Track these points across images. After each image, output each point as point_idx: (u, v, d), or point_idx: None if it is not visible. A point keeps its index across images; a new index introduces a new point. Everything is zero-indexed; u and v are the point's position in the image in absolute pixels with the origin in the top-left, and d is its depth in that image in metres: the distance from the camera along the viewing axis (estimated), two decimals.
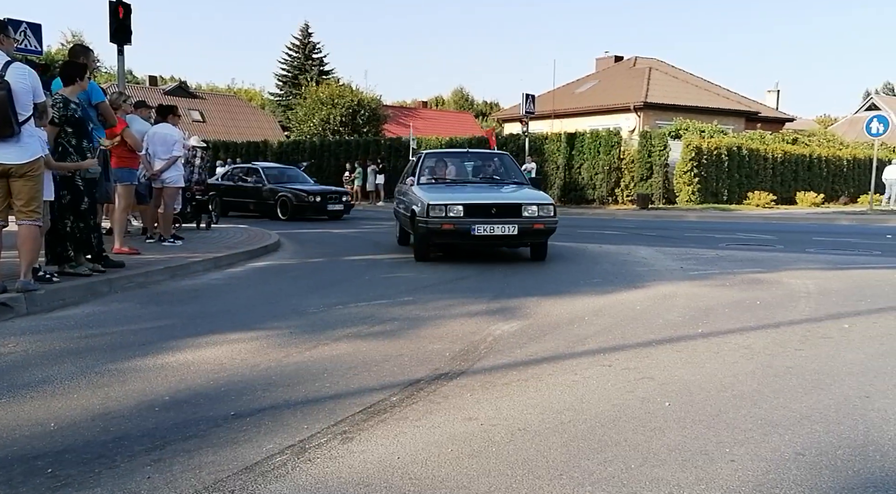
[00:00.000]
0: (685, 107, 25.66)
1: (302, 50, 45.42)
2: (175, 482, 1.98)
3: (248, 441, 2.29)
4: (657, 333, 4.04)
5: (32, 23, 9.27)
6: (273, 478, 2.01)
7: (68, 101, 5.12)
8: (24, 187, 4.37)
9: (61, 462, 2.11)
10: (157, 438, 2.31)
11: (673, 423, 2.54)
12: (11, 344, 3.58)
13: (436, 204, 6.90)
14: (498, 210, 6.94)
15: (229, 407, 2.63)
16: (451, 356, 3.47)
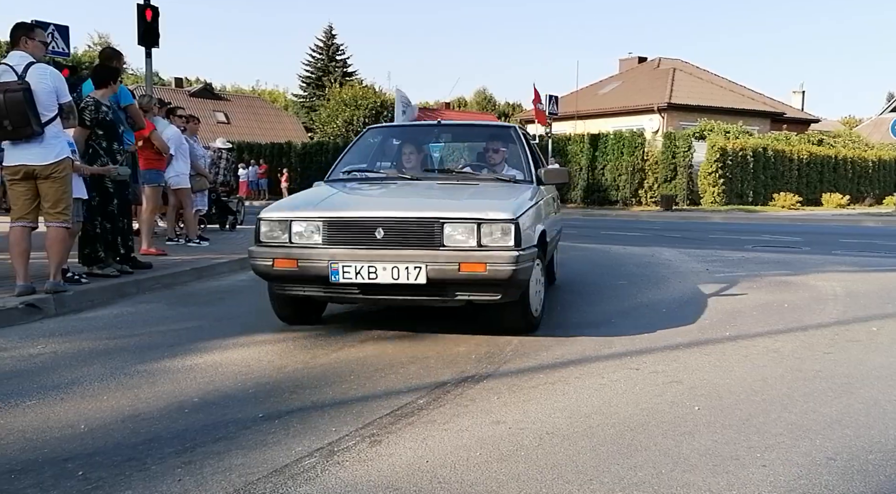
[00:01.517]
0: (710, 108, 25.35)
1: (325, 51, 45.78)
2: (205, 484, 1.99)
3: (276, 444, 2.30)
4: (684, 336, 3.99)
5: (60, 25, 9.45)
6: (303, 481, 2.02)
7: (100, 104, 5.20)
8: (50, 189, 4.43)
9: (92, 464, 2.13)
10: (186, 440, 2.33)
11: (703, 428, 2.50)
12: (41, 346, 3.64)
13: (271, 218, 3.72)
14: (390, 232, 3.48)
15: (257, 409, 2.64)
16: (477, 358, 3.45)
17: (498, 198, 3.94)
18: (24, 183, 4.43)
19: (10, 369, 3.20)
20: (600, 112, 27.07)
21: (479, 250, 3.42)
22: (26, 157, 4.35)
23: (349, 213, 3.72)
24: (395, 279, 3.40)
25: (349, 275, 3.44)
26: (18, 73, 4.24)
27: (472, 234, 3.44)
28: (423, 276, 3.37)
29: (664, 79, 27.83)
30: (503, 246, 3.43)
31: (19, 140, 4.31)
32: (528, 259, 3.53)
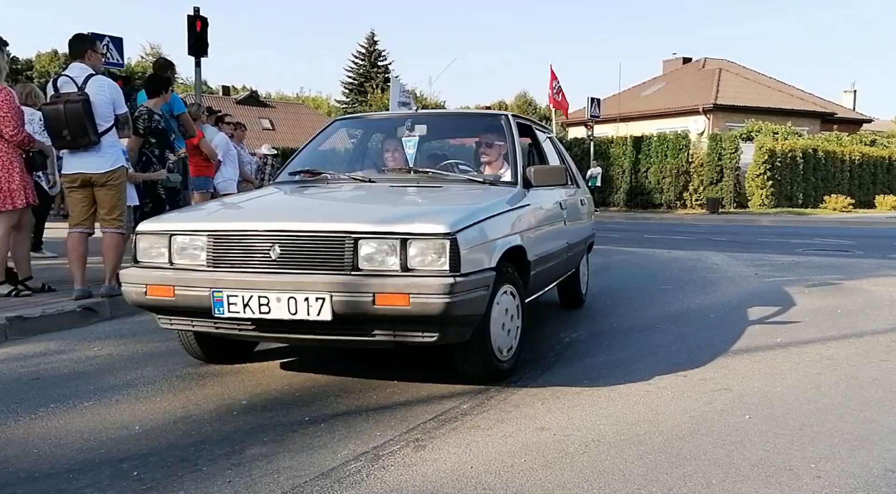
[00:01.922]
0: (757, 109, 24.73)
1: (368, 58, 46.34)
2: (255, 486, 2.03)
3: (323, 447, 2.33)
4: (733, 342, 3.89)
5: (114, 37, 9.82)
6: (349, 485, 2.04)
7: (152, 113, 5.38)
8: (106, 196, 4.61)
9: (146, 465, 2.20)
10: (236, 442, 2.38)
11: (754, 437, 2.43)
12: (97, 348, 3.77)
13: (149, 230, 2.96)
14: (288, 250, 2.68)
15: (304, 413, 2.68)
16: (520, 364, 3.43)
17: (442, 204, 3.18)
18: (82, 190, 4.61)
19: (68, 371, 3.33)
20: (643, 114, 26.68)
21: (403, 276, 2.54)
22: (84, 166, 4.53)
23: (238, 225, 2.80)
24: (293, 314, 2.55)
25: (236, 308, 2.61)
26: (79, 85, 4.42)
27: (395, 254, 2.57)
28: (328, 311, 2.51)
29: (710, 79, 27.26)
30: (434, 270, 2.54)
31: (77, 149, 4.49)
32: (475, 287, 2.62)
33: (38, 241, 6.94)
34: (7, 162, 4.55)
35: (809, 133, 24.43)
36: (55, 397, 2.89)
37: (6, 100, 4.48)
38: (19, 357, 3.57)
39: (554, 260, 3.84)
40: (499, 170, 3.82)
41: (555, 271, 3.96)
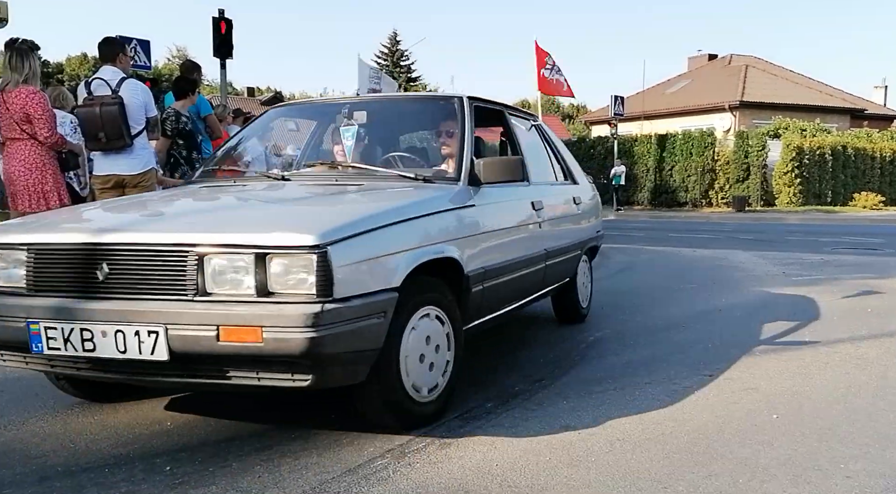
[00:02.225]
0: (785, 106, 24.31)
1: (390, 57, 46.51)
2: (283, 482, 2.07)
3: (349, 444, 2.36)
4: (760, 342, 3.85)
5: (142, 39, 10.00)
6: (375, 481, 2.07)
7: (180, 115, 5.48)
8: None
9: (178, 460, 2.25)
10: (264, 438, 2.42)
11: (782, 437, 2.41)
12: None
13: None
14: (117, 269, 2.11)
15: (330, 410, 2.72)
16: (544, 362, 3.44)
17: (334, 206, 2.59)
18: (113, 191, 4.72)
19: None
20: (668, 112, 26.40)
21: (257, 302, 1.99)
22: (117, 167, 4.64)
23: (61, 237, 2.22)
24: (122, 352, 2.03)
25: (56, 344, 2.08)
26: (112, 88, 4.53)
27: (250, 272, 2.00)
28: (163, 348, 1.99)
29: (736, 76, 26.88)
30: (298, 294, 1.99)
31: (110, 151, 4.60)
32: (360, 315, 2.05)
33: None
34: (41, 163, 4.66)
35: (839, 130, 23.94)
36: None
37: (41, 103, 4.60)
38: None
39: (518, 272, 3.16)
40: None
41: (523, 284, 3.30)
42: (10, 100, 4.53)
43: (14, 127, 4.56)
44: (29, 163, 4.61)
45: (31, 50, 4.59)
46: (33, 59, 4.60)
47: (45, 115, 4.59)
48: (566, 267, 3.97)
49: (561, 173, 4.25)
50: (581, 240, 4.23)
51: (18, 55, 4.55)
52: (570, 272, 4.11)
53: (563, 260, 3.84)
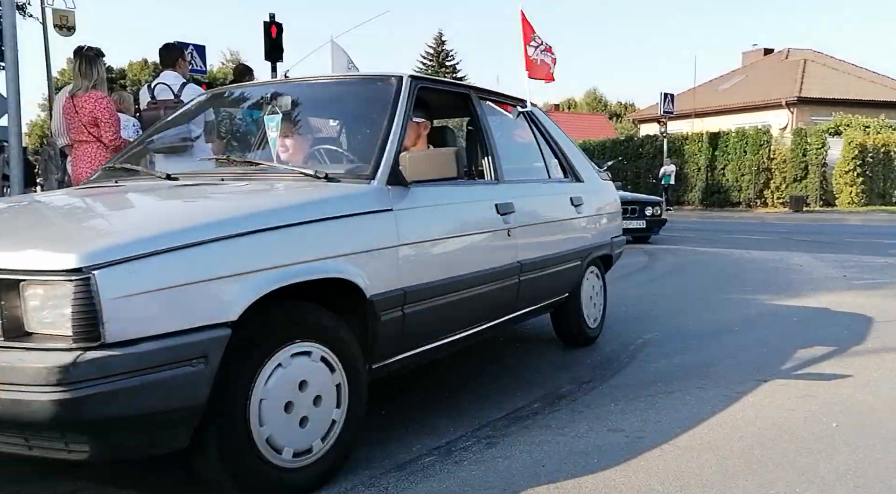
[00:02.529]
0: (846, 101, 23.31)
1: (436, 58, 46.70)
2: (332, 476, 2.11)
3: (397, 441, 2.39)
4: (819, 348, 3.72)
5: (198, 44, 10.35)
6: (422, 478, 2.09)
7: (233, 117, 5.63)
8: None
9: None
10: None
11: (842, 446, 2.33)
12: None
13: None
14: None
15: (378, 407, 2.75)
16: (592, 364, 3.41)
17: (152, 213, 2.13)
18: None
19: None
20: (720, 109, 25.69)
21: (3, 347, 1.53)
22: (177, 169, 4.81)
23: None
24: None
25: None
26: (175, 92, 4.71)
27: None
28: None
29: (794, 71, 25.94)
30: (54, 335, 1.51)
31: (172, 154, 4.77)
32: (149, 364, 1.54)
33: None
34: None
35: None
36: None
37: (108, 107, 4.81)
38: None
39: (468, 291, 2.56)
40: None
41: (479, 306, 2.69)
42: (80, 105, 4.76)
43: (82, 130, 4.78)
44: (95, 164, 4.83)
45: (97, 56, 4.81)
46: (100, 65, 4.81)
47: (111, 119, 4.80)
48: (559, 282, 3.35)
49: (559, 169, 3.66)
50: (583, 248, 3.56)
51: (87, 62, 4.77)
52: (567, 286, 3.48)
53: (551, 274, 3.21)
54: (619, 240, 4.13)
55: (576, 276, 3.53)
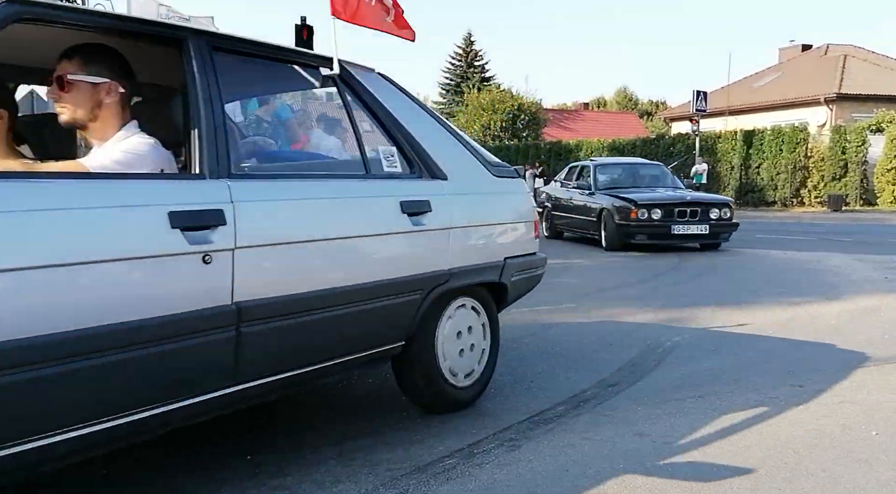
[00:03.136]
0: (888, 97, 22.56)
1: (464, 58, 46.64)
2: (355, 476, 2.10)
3: (419, 442, 2.37)
4: (858, 352, 3.59)
5: None
6: (444, 480, 2.06)
7: (261, 120, 5.69)
8: None
9: (258, 449, 2.33)
10: (338, 433, 2.47)
11: (882, 455, 2.23)
12: None
13: None
14: None
15: (401, 408, 2.74)
16: (619, 367, 3.34)
17: None
18: None
19: None
20: (755, 106, 25.12)
21: None
22: None
23: None
24: None
25: None
26: None
27: None
28: None
29: (833, 67, 25.22)
30: None
31: None
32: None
33: None
34: None
35: None
36: None
37: None
38: None
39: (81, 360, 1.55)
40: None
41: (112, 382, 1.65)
42: None
43: None
44: None
45: None
46: None
47: None
48: (371, 325, 2.34)
49: (399, 161, 2.57)
50: (428, 275, 2.47)
51: None
52: (397, 330, 2.44)
53: (342, 315, 2.18)
54: (524, 261, 2.97)
55: (414, 315, 2.45)
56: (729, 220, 8.71)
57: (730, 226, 8.75)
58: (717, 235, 8.72)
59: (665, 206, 8.49)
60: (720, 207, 8.72)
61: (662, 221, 8.42)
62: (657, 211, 8.43)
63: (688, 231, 8.46)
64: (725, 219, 8.67)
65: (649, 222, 8.42)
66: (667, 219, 8.43)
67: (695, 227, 8.47)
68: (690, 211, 8.51)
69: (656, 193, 9.05)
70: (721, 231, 8.71)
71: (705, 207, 8.61)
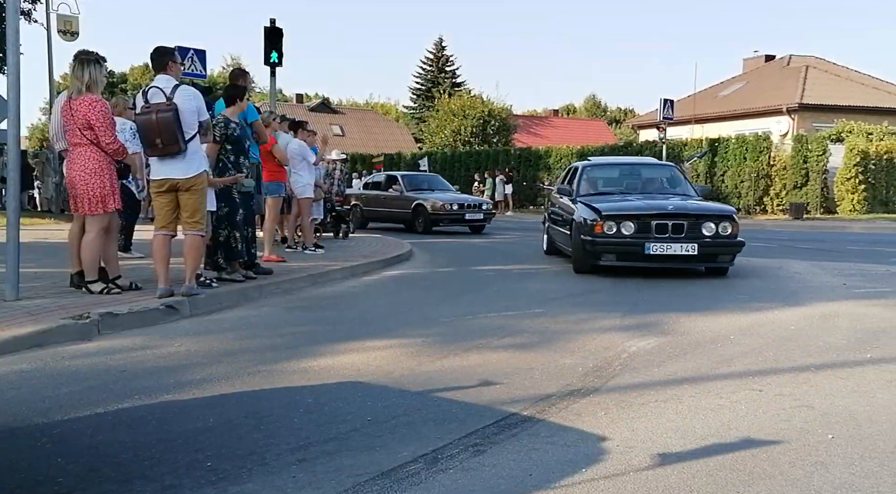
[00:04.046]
0: (848, 108, 23.29)
1: (435, 63, 46.75)
2: (318, 482, 2.08)
3: (383, 447, 2.36)
4: (816, 357, 3.68)
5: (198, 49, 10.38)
6: (408, 486, 2.05)
7: (229, 121, 5.62)
8: (189, 200, 4.85)
9: (219, 456, 2.29)
10: (301, 438, 2.44)
11: (838, 458, 2.29)
12: (177, 344, 3.96)
13: None
14: None
15: (366, 413, 2.72)
16: (584, 372, 3.37)
17: None
18: (168, 195, 4.87)
19: (151, 365, 3.51)
20: (720, 115, 25.68)
21: None
22: (171, 172, 4.80)
23: None
24: None
25: None
26: (167, 95, 4.70)
27: None
28: None
29: (795, 77, 25.94)
30: None
31: (166, 156, 4.76)
32: None
33: (128, 243, 7.37)
34: (99, 169, 4.86)
35: None
36: (140, 389, 3.05)
37: (101, 110, 4.80)
38: (109, 350, 3.79)
39: None
40: None
41: None
42: (76, 108, 4.75)
43: (77, 133, 4.78)
44: (89, 168, 4.82)
45: (95, 61, 4.80)
46: (94, 68, 4.80)
47: (105, 122, 4.80)
48: None
49: None
50: None
51: (80, 64, 4.78)
52: None
53: None
54: None
55: None
56: (730, 238, 6.59)
57: (730, 245, 6.61)
58: (711, 257, 6.64)
59: (639, 218, 6.55)
60: (717, 220, 6.60)
61: (635, 238, 6.51)
62: (629, 224, 6.55)
63: (669, 251, 6.41)
64: (724, 235, 6.56)
65: (618, 238, 6.57)
66: (641, 235, 6.50)
67: (679, 246, 6.43)
68: (674, 224, 6.49)
69: (629, 201, 7.21)
70: (717, 252, 6.61)
71: (695, 220, 6.57)
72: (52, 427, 2.58)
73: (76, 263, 5.07)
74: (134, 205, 7.42)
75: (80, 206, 4.89)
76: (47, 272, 5.89)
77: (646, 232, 6.54)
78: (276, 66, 10.74)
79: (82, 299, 4.76)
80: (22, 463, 2.23)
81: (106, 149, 4.84)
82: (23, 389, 3.05)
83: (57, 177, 15.36)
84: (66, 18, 16.15)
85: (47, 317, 4.13)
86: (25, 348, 3.70)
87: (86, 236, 4.92)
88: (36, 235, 9.55)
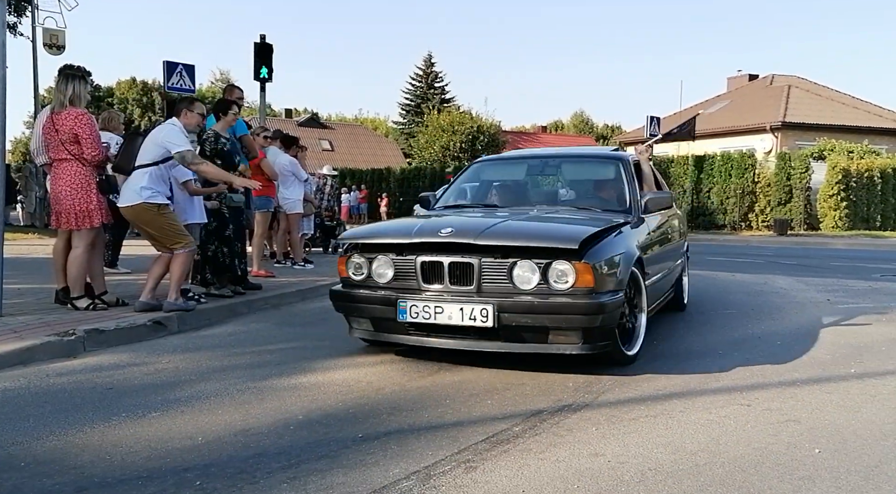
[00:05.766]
0: (830, 127, 23.73)
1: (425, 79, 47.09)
2: None
3: (375, 465, 2.35)
4: (802, 372, 3.71)
5: (187, 64, 10.41)
6: None
7: (219, 136, 5.62)
8: (144, 229, 4.84)
9: (208, 475, 2.27)
10: (292, 456, 2.43)
11: (824, 473, 2.31)
12: (165, 361, 3.93)
13: None
14: None
15: (357, 430, 2.71)
16: (575, 387, 3.38)
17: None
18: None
19: (139, 382, 3.48)
20: (706, 133, 26.01)
21: None
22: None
23: None
24: None
25: None
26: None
27: None
28: None
29: (778, 96, 26.40)
30: None
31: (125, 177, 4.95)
32: None
33: (115, 258, 7.30)
34: (85, 183, 4.83)
35: (889, 151, 23.23)
36: (126, 407, 3.02)
37: (88, 124, 4.79)
38: (95, 367, 3.75)
39: None
40: None
41: None
42: (60, 123, 4.74)
43: (61, 148, 4.76)
44: (74, 183, 4.79)
45: (79, 77, 4.81)
46: (78, 83, 4.80)
47: (92, 135, 4.79)
48: None
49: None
50: None
51: (63, 79, 4.79)
52: None
53: None
54: None
55: None
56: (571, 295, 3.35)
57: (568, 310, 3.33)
58: (520, 333, 3.44)
59: (400, 250, 3.65)
60: (546, 257, 3.37)
61: (389, 289, 3.65)
62: (382, 262, 3.69)
63: (441, 316, 3.43)
64: (558, 290, 3.35)
65: (370, 290, 3.72)
66: (397, 285, 3.64)
67: (459, 309, 3.40)
68: (452, 264, 3.47)
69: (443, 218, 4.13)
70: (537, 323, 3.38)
71: (500, 256, 3.42)
72: (36, 446, 2.55)
73: (61, 279, 5.01)
74: (122, 220, 7.38)
75: (66, 222, 4.86)
76: (31, 288, 5.83)
77: (405, 278, 3.63)
78: (265, 82, 10.77)
79: (68, 315, 4.71)
80: (6, 484, 2.20)
81: (92, 161, 4.84)
82: (6, 408, 3.01)
83: (41, 192, 15.24)
84: (53, 32, 16.10)
85: (31, 334, 4.09)
86: (9, 366, 3.65)
87: (73, 251, 4.87)
88: (19, 250, 9.45)
